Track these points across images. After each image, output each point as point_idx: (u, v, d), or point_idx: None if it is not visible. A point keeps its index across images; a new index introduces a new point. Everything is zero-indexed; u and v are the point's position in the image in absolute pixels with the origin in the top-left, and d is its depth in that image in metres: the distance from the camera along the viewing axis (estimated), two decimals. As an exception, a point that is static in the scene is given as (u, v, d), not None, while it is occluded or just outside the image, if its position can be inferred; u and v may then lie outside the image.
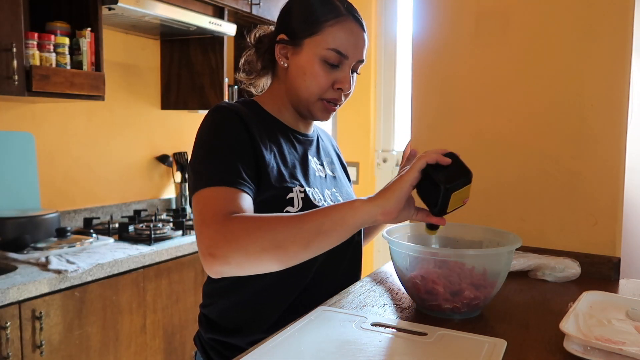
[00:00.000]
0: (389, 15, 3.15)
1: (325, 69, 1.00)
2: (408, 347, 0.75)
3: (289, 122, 1.09)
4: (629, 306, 0.86)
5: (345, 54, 1.00)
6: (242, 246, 0.80)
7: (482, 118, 1.28)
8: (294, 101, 1.06)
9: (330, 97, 1.03)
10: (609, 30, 1.13)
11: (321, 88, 1.01)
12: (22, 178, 2.13)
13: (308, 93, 1.02)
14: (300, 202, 0.98)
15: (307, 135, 1.13)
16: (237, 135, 0.95)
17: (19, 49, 1.75)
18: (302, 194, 0.99)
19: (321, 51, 0.99)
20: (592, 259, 1.14)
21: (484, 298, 0.88)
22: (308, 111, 1.05)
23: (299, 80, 1.02)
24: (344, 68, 1.02)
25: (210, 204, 0.86)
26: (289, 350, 0.73)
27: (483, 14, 1.26)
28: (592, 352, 0.71)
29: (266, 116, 1.06)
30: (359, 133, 3.18)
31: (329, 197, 1.07)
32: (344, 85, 1.02)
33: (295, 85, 1.03)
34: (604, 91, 1.14)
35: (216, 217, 0.84)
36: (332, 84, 1.02)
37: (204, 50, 2.64)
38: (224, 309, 1.03)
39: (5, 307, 1.50)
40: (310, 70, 1.00)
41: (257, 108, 1.07)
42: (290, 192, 0.97)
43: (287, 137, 1.07)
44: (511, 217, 1.24)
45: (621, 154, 1.13)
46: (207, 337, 1.05)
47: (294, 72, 1.03)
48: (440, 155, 0.81)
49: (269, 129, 1.03)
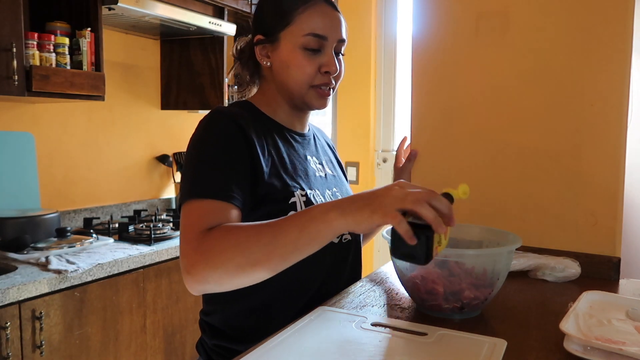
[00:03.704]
0: (389, 15, 3.15)
1: (308, 56, 0.99)
2: (408, 347, 0.75)
3: (285, 121, 1.08)
4: (629, 306, 0.86)
5: (323, 35, 0.99)
6: (218, 265, 0.79)
7: (482, 118, 1.28)
8: (287, 96, 1.04)
9: (320, 83, 1.01)
10: (609, 31, 1.13)
11: (309, 76, 0.99)
12: (22, 178, 2.13)
13: (297, 84, 1.00)
14: (303, 206, 0.97)
15: (305, 134, 1.12)
16: (232, 145, 0.93)
17: (19, 49, 1.75)
18: (304, 198, 0.98)
19: (298, 39, 0.99)
20: (592, 259, 1.14)
21: (484, 298, 0.88)
22: (303, 102, 1.03)
23: (285, 75, 1.01)
24: (326, 50, 1.01)
25: (192, 219, 0.86)
26: (289, 350, 0.73)
27: (483, 14, 1.26)
28: (592, 352, 0.71)
29: (262, 117, 1.05)
30: (359, 133, 3.17)
31: (330, 198, 1.06)
32: (331, 67, 1.00)
33: (283, 80, 1.02)
34: (604, 91, 1.14)
35: (195, 234, 0.83)
36: (319, 69, 1.00)
37: (204, 50, 2.64)
38: (230, 316, 1.00)
39: (5, 307, 1.50)
40: (293, 61, 0.99)
41: (253, 109, 1.05)
42: (293, 197, 0.96)
43: (285, 138, 1.05)
44: (511, 217, 1.24)
45: (621, 153, 1.13)
46: (212, 344, 1.02)
47: (279, 68, 1.02)
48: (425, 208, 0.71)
49: (266, 131, 1.02)
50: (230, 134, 0.94)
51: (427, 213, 0.70)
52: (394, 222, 0.70)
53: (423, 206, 0.70)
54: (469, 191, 0.79)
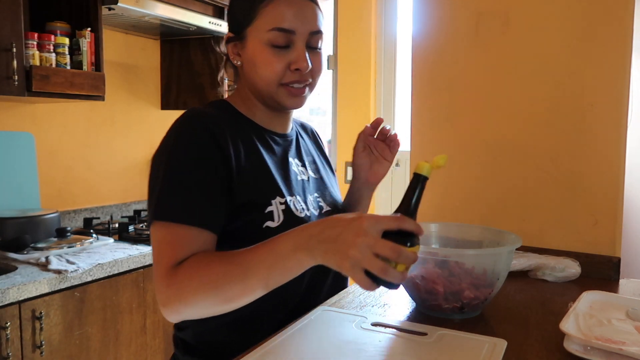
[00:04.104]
0: (389, 15, 3.14)
1: (274, 53, 0.91)
2: (408, 347, 0.75)
3: (264, 122, 1.00)
4: (629, 306, 0.86)
5: (290, 29, 0.90)
6: (192, 303, 0.78)
7: (482, 118, 1.28)
8: (258, 96, 0.98)
9: (290, 80, 0.93)
10: (609, 30, 1.13)
11: (276, 73, 0.92)
12: (22, 178, 2.12)
13: (265, 83, 0.93)
14: (281, 215, 0.91)
15: (286, 135, 1.04)
16: (205, 156, 0.86)
17: (19, 49, 1.75)
18: (283, 206, 0.92)
19: (263, 35, 0.91)
20: (592, 259, 1.14)
21: (484, 298, 0.88)
22: (275, 102, 0.96)
23: (253, 73, 0.94)
24: (296, 45, 0.92)
25: (162, 248, 0.82)
26: (289, 350, 0.73)
27: (483, 14, 1.26)
28: (592, 352, 0.71)
29: (240, 119, 0.98)
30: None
31: (312, 204, 1.00)
32: (300, 64, 0.91)
33: (252, 79, 0.95)
34: (604, 91, 1.14)
35: (165, 269, 0.80)
36: (288, 66, 0.92)
37: (204, 50, 2.64)
38: (204, 332, 0.94)
39: (5, 307, 1.50)
40: (259, 58, 0.92)
41: (230, 110, 0.99)
42: (270, 206, 0.90)
43: (264, 141, 0.98)
44: (511, 217, 1.24)
45: (621, 153, 1.13)
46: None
47: (247, 67, 0.96)
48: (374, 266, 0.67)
49: (243, 133, 0.95)
50: (203, 144, 0.87)
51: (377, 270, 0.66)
52: (353, 279, 0.69)
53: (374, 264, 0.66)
54: (446, 158, 0.75)
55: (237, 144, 0.91)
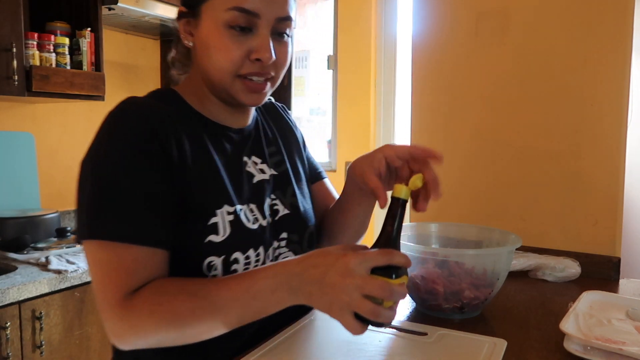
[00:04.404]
0: (389, 15, 3.14)
1: (233, 37, 0.76)
2: (408, 347, 0.75)
3: (217, 116, 0.85)
4: (629, 306, 0.86)
5: (252, 10, 0.75)
6: (149, 337, 0.69)
7: (482, 118, 1.28)
8: (210, 86, 0.83)
9: (248, 72, 0.78)
10: (609, 30, 1.13)
11: (233, 62, 0.77)
12: (22, 178, 2.12)
13: (219, 71, 0.78)
14: (228, 227, 0.77)
15: (243, 130, 0.89)
16: (146, 157, 0.73)
17: (19, 49, 1.75)
18: (231, 216, 0.78)
19: (221, 14, 0.76)
20: (592, 259, 1.14)
21: (484, 298, 0.88)
22: (229, 95, 0.81)
23: (206, 58, 0.79)
24: (260, 31, 0.77)
25: (109, 273, 0.70)
26: (289, 350, 0.73)
27: (483, 14, 1.26)
28: (592, 352, 0.71)
29: (189, 112, 0.83)
30: (359, 133, 3.17)
31: (268, 210, 0.85)
32: (263, 54, 0.76)
33: (204, 65, 0.80)
34: (603, 91, 1.14)
35: (116, 297, 0.69)
36: (248, 55, 0.77)
37: (204, 50, 2.64)
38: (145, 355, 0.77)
39: (5, 307, 1.50)
40: (214, 41, 0.77)
41: (178, 101, 0.84)
42: (214, 217, 0.76)
43: (216, 139, 0.84)
44: (511, 217, 1.24)
45: (621, 153, 1.13)
46: None
47: (200, 50, 0.80)
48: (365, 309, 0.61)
49: (192, 129, 0.81)
50: (143, 142, 0.73)
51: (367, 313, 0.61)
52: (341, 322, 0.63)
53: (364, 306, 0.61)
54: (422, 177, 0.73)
55: (181, 142, 0.77)
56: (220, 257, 0.76)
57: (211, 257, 0.75)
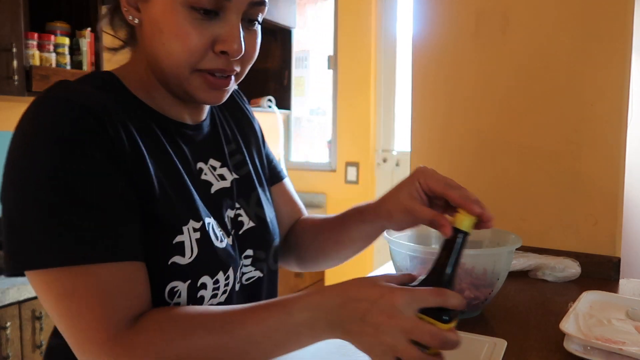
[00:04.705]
0: (389, 15, 3.14)
1: (195, 20, 0.60)
2: (408, 347, 0.75)
3: (168, 110, 0.69)
4: (629, 306, 0.86)
5: None
6: None
7: (482, 118, 1.28)
8: (160, 77, 0.67)
9: (211, 67, 0.63)
10: (609, 30, 1.13)
11: (192, 53, 0.61)
12: (22, 178, 2.12)
13: (173, 62, 0.62)
14: (195, 247, 0.63)
15: (199, 127, 0.74)
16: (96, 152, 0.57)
17: (19, 49, 1.75)
18: (198, 233, 0.64)
19: None
20: (592, 259, 1.14)
21: (484, 298, 0.88)
22: (184, 92, 0.65)
23: (158, 44, 0.62)
24: (228, 16, 0.62)
25: (86, 305, 0.54)
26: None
27: (483, 14, 1.26)
28: (592, 352, 0.71)
29: (134, 103, 0.66)
30: (359, 133, 3.17)
31: (230, 224, 0.72)
32: (230, 45, 0.62)
33: (154, 52, 0.64)
34: (603, 91, 1.14)
35: (106, 332, 0.54)
36: (212, 45, 0.62)
37: (204, 50, 2.63)
38: None
39: (5, 307, 1.50)
40: (169, 24, 0.60)
41: (119, 89, 0.66)
42: (180, 234, 0.62)
43: (171, 137, 0.68)
44: (511, 217, 1.24)
45: (621, 153, 1.13)
46: None
47: (149, 32, 0.63)
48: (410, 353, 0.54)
49: (144, 124, 0.65)
50: (86, 137, 0.57)
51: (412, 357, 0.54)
52: None
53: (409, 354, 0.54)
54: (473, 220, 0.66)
55: (134, 138, 0.62)
56: (185, 282, 0.62)
57: (175, 282, 0.62)
